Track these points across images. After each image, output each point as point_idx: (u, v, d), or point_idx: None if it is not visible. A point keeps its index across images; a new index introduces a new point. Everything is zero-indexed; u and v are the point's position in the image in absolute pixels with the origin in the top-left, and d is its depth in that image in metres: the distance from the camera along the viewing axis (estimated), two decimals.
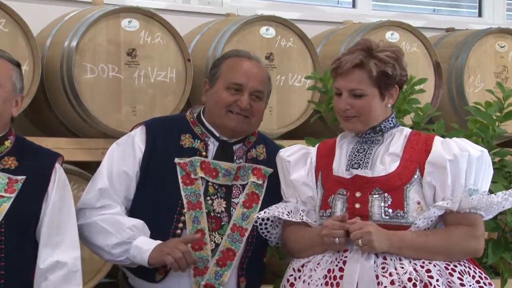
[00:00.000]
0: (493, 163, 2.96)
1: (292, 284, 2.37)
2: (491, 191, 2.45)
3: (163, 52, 3.36)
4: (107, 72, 3.26)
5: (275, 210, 2.44)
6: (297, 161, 2.49)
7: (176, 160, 2.50)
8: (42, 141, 2.80)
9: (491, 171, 2.36)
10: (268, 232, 2.49)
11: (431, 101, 3.76)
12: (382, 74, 2.34)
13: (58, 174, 2.41)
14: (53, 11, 3.48)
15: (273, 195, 2.53)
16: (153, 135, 2.55)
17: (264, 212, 2.46)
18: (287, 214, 2.43)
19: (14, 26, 3.10)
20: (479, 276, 2.29)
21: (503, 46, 4.06)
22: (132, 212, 2.53)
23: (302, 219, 2.41)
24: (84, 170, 3.15)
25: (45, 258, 2.34)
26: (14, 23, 3.09)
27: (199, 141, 2.55)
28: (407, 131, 2.43)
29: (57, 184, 2.39)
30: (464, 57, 3.96)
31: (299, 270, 2.38)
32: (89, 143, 3.24)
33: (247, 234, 2.49)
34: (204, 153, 2.53)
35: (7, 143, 2.38)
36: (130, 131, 2.62)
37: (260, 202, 2.53)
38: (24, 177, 2.33)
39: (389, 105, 2.40)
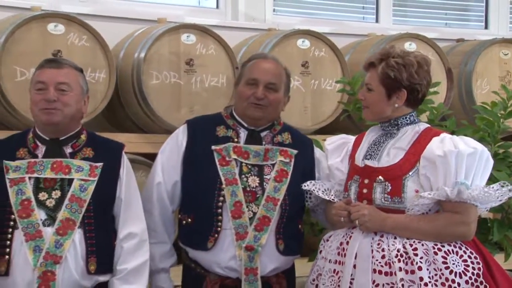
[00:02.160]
0: (498, 154, 2.97)
1: (320, 251, 2.43)
2: (496, 178, 2.43)
3: (216, 61, 3.37)
4: (169, 79, 3.28)
5: (316, 186, 2.50)
6: (334, 149, 2.53)
7: (213, 147, 2.54)
8: (116, 136, 2.83)
9: (488, 166, 2.29)
10: (309, 199, 2.57)
11: (444, 102, 3.73)
12: (385, 76, 2.33)
13: (126, 160, 2.46)
14: (125, 29, 3.50)
15: (299, 172, 2.57)
16: (193, 130, 2.61)
17: (308, 184, 2.50)
18: (322, 192, 2.47)
19: (94, 41, 3.13)
20: (468, 256, 2.24)
21: (507, 54, 4.02)
22: (183, 191, 2.59)
23: (331, 198, 2.45)
24: (150, 160, 3.18)
25: (121, 230, 2.39)
26: (94, 39, 3.13)
27: (231, 130, 2.60)
28: (421, 127, 2.39)
29: (126, 168, 2.44)
30: (472, 64, 3.91)
31: (326, 240, 2.43)
32: (154, 138, 3.25)
33: (279, 203, 2.50)
34: (236, 140, 2.58)
35: (83, 137, 2.43)
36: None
37: (289, 177, 2.55)
38: (101, 163, 2.38)
39: (397, 105, 2.35)
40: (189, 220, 2.56)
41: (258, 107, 2.55)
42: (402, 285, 2.18)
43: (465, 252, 2.25)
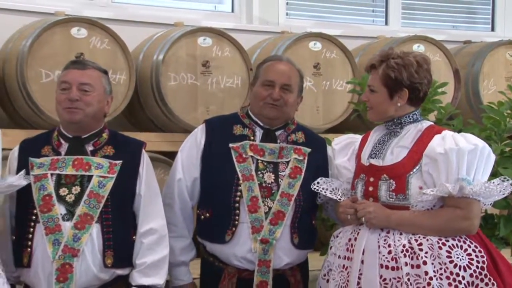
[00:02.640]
0: (504, 152, 2.95)
1: (331, 247, 2.43)
2: (502, 175, 2.41)
3: (231, 63, 3.38)
4: (187, 80, 3.30)
5: (324, 186, 2.48)
6: (341, 149, 2.53)
7: (230, 144, 2.56)
8: (136, 136, 2.84)
9: (490, 161, 2.27)
10: (319, 197, 2.56)
11: (451, 101, 3.71)
12: (386, 77, 2.32)
13: (146, 158, 2.45)
14: (145, 32, 3.51)
15: (313, 169, 2.57)
16: (211, 129, 2.62)
17: (318, 183, 2.49)
18: (330, 191, 2.47)
19: (114, 45, 3.15)
20: (472, 250, 2.22)
21: None
22: (202, 187, 2.60)
23: (338, 198, 2.44)
24: (168, 158, 3.19)
25: (141, 225, 2.39)
26: (115, 42, 3.15)
27: (247, 129, 2.61)
28: (424, 125, 2.37)
29: (145, 166, 2.44)
30: (479, 65, 3.90)
31: (336, 237, 2.43)
32: (172, 137, 3.26)
33: (293, 199, 2.52)
34: (252, 138, 2.59)
35: (105, 135, 2.44)
36: None
37: (303, 173, 2.56)
38: (121, 161, 2.38)
39: (399, 104, 2.34)
40: (207, 214, 2.58)
41: (274, 107, 2.56)
42: (408, 279, 2.17)
43: (469, 246, 2.23)
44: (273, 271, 2.50)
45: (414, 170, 2.28)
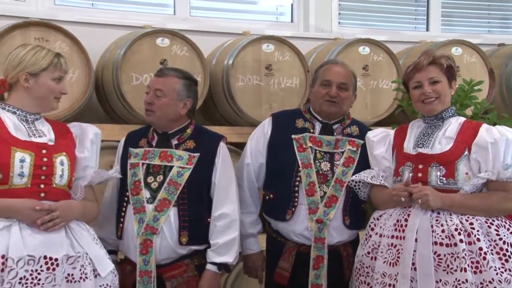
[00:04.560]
0: None
1: (372, 228, 2.37)
2: None
3: (290, 66, 3.37)
4: (252, 81, 3.30)
5: (363, 175, 2.44)
6: (379, 140, 2.48)
7: (293, 136, 2.55)
8: (210, 129, 2.83)
9: None
10: (359, 189, 2.49)
11: (486, 97, 3.59)
12: (449, 67, 2.32)
13: (222, 150, 2.44)
14: (217, 41, 3.53)
15: (364, 159, 2.53)
16: (277, 121, 2.62)
17: (356, 176, 2.45)
18: (371, 178, 2.42)
19: (192, 52, 3.17)
20: None
21: None
22: (267, 172, 2.60)
23: (381, 182, 2.40)
24: (237, 148, 3.21)
25: (214, 210, 2.39)
26: (192, 49, 3.17)
27: (308, 122, 2.60)
28: (461, 119, 2.36)
29: (222, 158, 2.42)
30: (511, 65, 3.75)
31: (377, 219, 2.38)
32: (240, 130, 3.27)
33: (345, 185, 2.49)
34: (312, 131, 2.58)
35: (188, 131, 2.45)
36: None
37: (355, 163, 2.53)
38: (199, 154, 2.38)
39: (452, 93, 2.35)
40: (271, 196, 2.59)
41: (332, 103, 2.55)
42: (465, 254, 2.13)
43: (510, 226, 2.22)
44: (328, 247, 2.49)
45: (462, 157, 2.25)
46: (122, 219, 2.36)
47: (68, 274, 1.98)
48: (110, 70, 3.06)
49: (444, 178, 2.25)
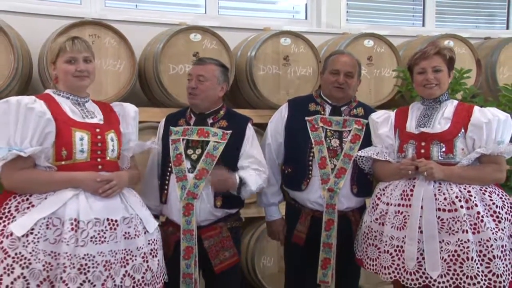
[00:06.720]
0: None
1: (379, 198, 2.35)
2: None
3: (305, 57, 3.32)
4: (272, 70, 3.27)
5: (369, 152, 2.41)
6: (382, 121, 2.45)
7: (306, 118, 2.53)
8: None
9: (511, 128, 2.26)
10: (362, 163, 2.47)
11: (474, 84, 3.53)
12: (451, 58, 2.29)
13: (249, 130, 2.45)
14: (242, 36, 3.49)
15: (368, 137, 2.51)
16: (292, 106, 2.61)
17: (362, 152, 2.43)
18: (376, 154, 2.40)
19: (220, 45, 3.13)
20: (502, 194, 2.23)
21: None
22: (285, 150, 2.59)
23: (386, 158, 2.37)
24: (258, 128, 3.20)
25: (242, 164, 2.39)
26: (220, 43, 3.13)
27: (319, 106, 2.58)
28: (455, 102, 2.35)
29: (250, 135, 2.43)
30: (496, 56, 3.67)
31: (383, 190, 2.36)
32: (261, 112, 3.24)
33: (352, 159, 2.47)
34: (322, 113, 2.56)
35: (222, 112, 2.45)
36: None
37: (361, 140, 2.51)
38: (231, 131, 2.39)
39: (449, 81, 2.33)
40: (289, 170, 2.59)
41: (340, 89, 2.53)
42: (465, 217, 2.13)
43: (500, 192, 2.22)
44: (338, 212, 2.48)
45: (458, 135, 2.23)
46: (166, 187, 2.36)
47: (125, 232, 2.01)
48: (151, 61, 3.05)
49: (444, 154, 2.24)
